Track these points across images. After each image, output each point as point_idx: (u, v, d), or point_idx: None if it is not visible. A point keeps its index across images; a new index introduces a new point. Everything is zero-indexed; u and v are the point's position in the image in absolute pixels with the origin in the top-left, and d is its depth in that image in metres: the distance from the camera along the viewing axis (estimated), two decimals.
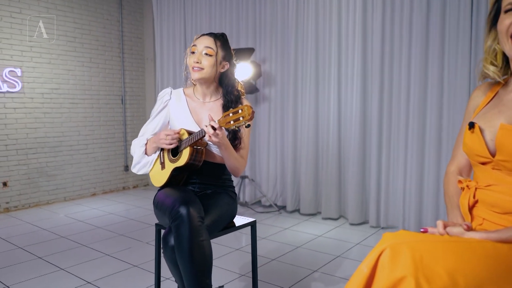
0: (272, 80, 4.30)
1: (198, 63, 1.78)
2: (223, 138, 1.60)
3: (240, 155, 1.83)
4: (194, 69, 1.79)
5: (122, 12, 5.31)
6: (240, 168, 1.82)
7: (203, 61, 1.78)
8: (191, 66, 1.80)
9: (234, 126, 1.48)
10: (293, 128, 4.13)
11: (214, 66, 1.80)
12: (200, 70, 1.78)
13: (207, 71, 1.79)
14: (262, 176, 4.49)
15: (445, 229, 0.96)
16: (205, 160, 1.82)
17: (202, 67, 1.78)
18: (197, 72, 1.79)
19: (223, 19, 4.66)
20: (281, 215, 4.13)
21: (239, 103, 1.86)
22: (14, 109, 4.33)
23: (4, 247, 3.23)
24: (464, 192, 1.10)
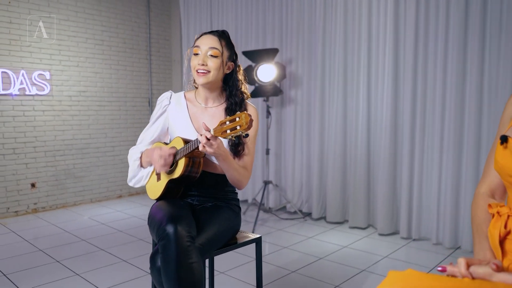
0: (298, 82, 4.14)
1: (204, 66, 1.61)
2: (219, 148, 1.44)
3: (243, 165, 1.67)
4: (199, 72, 1.62)
5: (150, 14, 5.31)
6: (243, 181, 1.64)
7: (209, 63, 1.61)
8: (195, 69, 1.63)
9: (230, 136, 1.33)
10: (320, 132, 3.95)
11: (221, 68, 1.64)
12: (206, 73, 1.62)
13: (213, 74, 1.62)
14: (287, 181, 4.33)
15: (468, 269, 0.75)
16: (205, 171, 1.68)
17: (208, 70, 1.61)
18: (202, 76, 1.62)
19: (249, 20, 4.54)
20: (306, 223, 3.95)
21: (242, 107, 1.70)
22: (42, 112, 4.39)
23: (26, 249, 3.24)
24: (494, 220, 0.89)
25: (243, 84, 1.78)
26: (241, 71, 1.78)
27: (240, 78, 1.76)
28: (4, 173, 4.16)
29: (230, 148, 1.65)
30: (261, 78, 3.82)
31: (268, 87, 3.85)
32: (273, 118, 4.28)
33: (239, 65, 1.78)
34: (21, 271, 2.80)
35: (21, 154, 4.27)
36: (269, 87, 3.86)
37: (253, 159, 1.74)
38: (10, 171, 4.20)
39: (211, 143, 1.38)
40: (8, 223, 3.99)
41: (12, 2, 4.11)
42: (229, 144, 1.65)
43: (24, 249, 3.25)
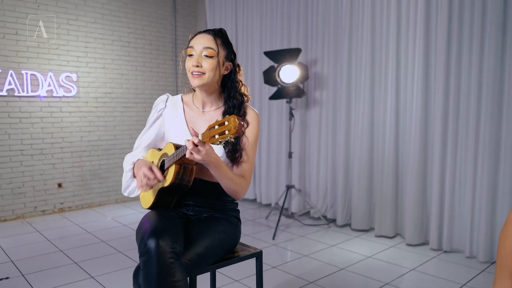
0: (323, 83, 3.98)
1: (198, 67, 1.49)
2: (209, 155, 1.33)
3: (240, 173, 1.55)
4: (193, 74, 1.51)
5: (176, 15, 5.30)
6: (239, 191, 1.52)
7: (204, 64, 1.50)
8: (190, 70, 1.52)
9: (218, 142, 1.21)
10: (346, 135, 3.78)
11: (217, 69, 1.52)
12: (201, 75, 1.50)
13: (209, 76, 1.51)
14: (311, 186, 4.18)
15: None
16: (201, 179, 1.57)
17: (203, 71, 1.50)
18: (197, 78, 1.51)
19: (274, 20, 4.43)
20: (330, 229, 3.79)
21: (242, 110, 1.59)
22: (69, 113, 4.46)
23: (47, 249, 3.28)
24: None
25: (243, 85, 1.66)
26: (241, 72, 1.67)
27: (240, 79, 1.65)
28: (32, 173, 4.25)
29: (227, 154, 1.54)
30: (283, 79, 3.70)
31: (290, 88, 3.73)
32: (296, 120, 4.15)
33: (239, 65, 1.66)
34: (39, 271, 2.82)
35: (48, 154, 4.35)
36: (292, 89, 3.73)
37: (253, 166, 1.61)
38: (37, 171, 4.29)
39: (199, 150, 1.27)
40: (34, 222, 4.07)
41: (41, 6, 4.19)
42: (225, 150, 1.54)
43: (45, 249, 3.29)
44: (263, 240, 3.50)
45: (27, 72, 4.12)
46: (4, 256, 3.13)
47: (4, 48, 3.99)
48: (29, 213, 4.25)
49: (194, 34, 1.58)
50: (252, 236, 3.62)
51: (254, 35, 4.68)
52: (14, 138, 4.11)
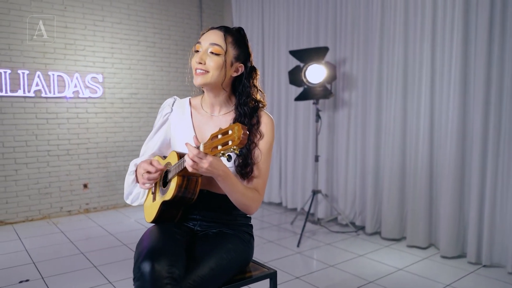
0: (352, 83, 3.79)
1: (201, 64, 1.38)
2: (214, 167, 1.17)
3: (254, 186, 1.40)
4: (196, 71, 1.39)
5: (202, 15, 5.23)
6: (251, 205, 1.36)
7: (208, 62, 1.37)
8: (194, 68, 1.41)
9: (221, 153, 1.08)
10: (376, 137, 3.58)
11: (222, 69, 1.38)
12: (204, 73, 1.38)
13: (212, 75, 1.38)
14: (339, 191, 3.99)
15: None
16: (209, 191, 1.44)
17: (206, 69, 1.38)
18: (200, 75, 1.38)
19: (301, 18, 4.27)
20: (358, 238, 3.60)
21: (254, 118, 1.44)
22: (95, 114, 4.47)
23: (69, 251, 3.26)
24: None
25: (258, 91, 1.50)
26: (257, 76, 1.50)
27: (255, 84, 1.49)
28: (58, 173, 4.28)
29: (236, 168, 1.39)
30: (310, 79, 3.54)
31: (317, 89, 3.56)
32: (323, 122, 3.97)
33: (255, 68, 1.50)
34: (58, 275, 2.79)
35: (74, 155, 4.37)
36: (319, 89, 3.56)
37: (266, 179, 1.46)
38: (64, 171, 4.32)
39: (200, 161, 1.14)
40: (60, 222, 4.09)
41: (68, 8, 4.21)
42: (234, 163, 1.39)
43: (67, 251, 3.27)
44: (287, 247, 3.36)
45: (54, 73, 4.15)
46: (27, 257, 3.13)
47: (32, 49, 4.03)
48: (55, 213, 4.28)
49: (206, 30, 1.45)
50: (276, 242, 3.48)
51: (281, 34, 4.54)
52: (41, 139, 4.15)
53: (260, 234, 3.73)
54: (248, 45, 1.48)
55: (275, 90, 4.65)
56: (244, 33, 1.47)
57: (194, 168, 1.14)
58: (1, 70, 3.86)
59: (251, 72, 1.48)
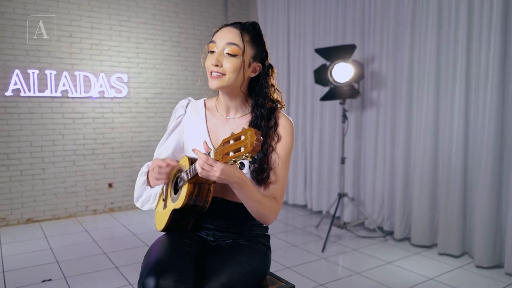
0: (381, 82, 3.64)
1: (218, 66, 1.27)
2: (228, 174, 1.08)
3: (271, 194, 1.30)
4: (212, 74, 1.29)
5: (227, 14, 5.18)
6: (269, 215, 1.27)
7: (225, 64, 1.27)
8: (209, 70, 1.30)
9: (232, 160, 0.99)
10: (406, 138, 3.42)
11: (240, 71, 1.28)
12: (220, 76, 1.27)
13: (230, 78, 1.27)
14: (367, 194, 3.84)
15: None
16: (223, 198, 1.35)
17: (222, 72, 1.27)
18: (216, 79, 1.28)
19: (328, 15, 4.15)
20: (386, 243, 3.44)
21: (272, 120, 1.34)
22: (120, 114, 4.49)
23: (91, 251, 3.26)
24: None
25: (276, 91, 1.40)
26: (274, 75, 1.40)
27: (272, 83, 1.39)
28: (84, 173, 4.32)
29: (252, 174, 1.30)
30: (336, 79, 3.42)
31: (344, 88, 3.43)
32: (350, 123, 3.84)
33: (271, 66, 1.40)
34: (80, 275, 2.79)
35: (99, 154, 4.40)
36: (346, 89, 3.43)
37: (285, 186, 1.36)
38: (89, 170, 4.36)
39: (211, 168, 1.06)
40: (85, 221, 4.13)
41: (94, 8, 4.24)
42: (250, 168, 1.30)
43: (90, 250, 3.28)
44: (311, 252, 3.25)
45: (80, 73, 4.19)
46: (51, 256, 3.15)
47: (59, 50, 4.08)
48: (81, 212, 4.33)
49: (220, 27, 1.35)
50: (300, 247, 3.38)
51: (307, 32, 4.42)
52: (67, 138, 4.20)
53: (284, 237, 3.63)
54: (265, 41, 1.38)
55: (300, 90, 4.54)
56: (260, 28, 1.37)
57: (205, 176, 1.07)
58: (29, 70, 3.92)
59: (268, 70, 1.38)
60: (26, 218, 4.02)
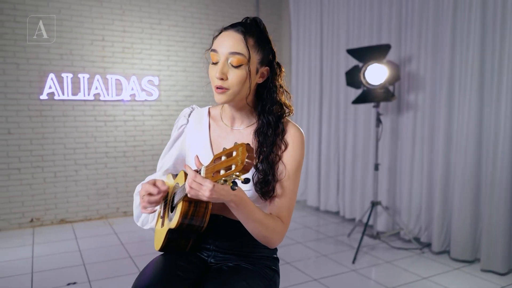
0: (419, 84, 3.42)
1: (223, 80, 1.15)
2: (220, 193, 0.96)
3: (275, 212, 1.17)
4: (217, 89, 1.16)
5: (259, 15, 5.08)
6: (272, 238, 1.13)
7: (230, 76, 1.14)
8: (213, 83, 1.17)
9: (223, 180, 0.88)
10: (446, 144, 3.18)
11: (246, 81, 1.16)
12: (225, 91, 1.15)
13: (235, 91, 1.16)
14: (402, 203, 3.62)
15: None
16: (225, 217, 1.24)
17: (227, 87, 1.15)
18: (221, 94, 1.16)
19: (362, 14, 3.96)
20: (423, 256, 3.22)
21: (279, 127, 1.21)
22: (151, 116, 4.50)
23: (118, 254, 3.26)
24: None
25: (284, 92, 1.26)
26: (281, 74, 1.26)
27: (280, 83, 1.26)
28: (115, 175, 4.36)
29: (255, 186, 1.18)
30: (369, 81, 3.24)
31: (378, 90, 3.24)
32: (385, 127, 3.63)
33: (279, 65, 1.26)
34: (104, 279, 2.78)
35: (130, 157, 4.43)
36: (380, 91, 3.24)
37: (293, 204, 1.22)
38: (120, 173, 4.39)
39: (199, 187, 0.95)
40: (115, 223, 4.16)
41: (126, 12, 4.27)
42: (253, 180, 1.18)
43: (117, 253, 3.27)
44: (342, 263, 3.09)
45: (112, 76, 4.23)
46: (79, 258, 3.18)
47: (92, 54, 4.14)
48: (112, 214, 4.37)
49: (219, 31, 1.21)
50: (330, 257, 3.22)
51: (340, 32, 4.25)
52: (99, 141, 4.25)
53: (314, 246, 3.49)
54: (270, 39, 1.24)
55: (333, 92, 4.37)
56: (263, 25, 1.23)
57: (194, 196, 0.97)
58: (63, 74, 4.00)
59: (275, 70, 1.24)
60: (59, 218, 4.10)
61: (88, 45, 4.12)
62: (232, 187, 0.87)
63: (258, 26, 1.21)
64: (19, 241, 3.57)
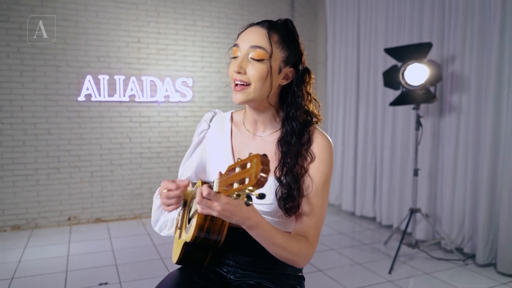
0: (463, 84, 3.21)
1: (241, 74, 1.07)
2: (233, 212, 0.89)
3: (300, 231, 1.07)
4: (235, 85, 1.10)
5: (294, 14, 4.99)
6: (296, 260, 1.04)
7: (249, 70, 1.07)
8: (232, 78, 1.11)
9: (236, 194, 0.79)
10: (493, 148, 2.96)
11: (267, 78, 1.07)
12: (244, 87, 1.08)
13: (256, 88, 1.08)
14: (444, 210, 3.42)
15: None
16: (246, 231, 1.11)
17: (246, 81, 1.08)
18: (239, 91, 1.09)
19: (402, 10, 3.78)
20: (466, 268, 3.02)
21: (305, 136, 1.12)
22: (184, 117, 4.51)
23: (150, 255, 3.27)
24: None
25: (312, 100, 1.17)
26: (310, 81, 1.17)
27: (308, 91, 1.16)
28: (149, 176, 4.41)
29: (278, 202, 1.08)
30: (409, 81, 3.07)
31: (418, 92, 3.07)
32: (426, 130, 3.44)
33: (308, 70, 1.17)
34: (135, 280, 2.79)
35: (164, 158, 4.46)
36: (420, 92, 3.07)
37: (321, 222, 1.11)
38: (154, 173, 4.43)
39: (210, 204, 0.88)
40: (148, 223, 4.19)
41: (161, 14, 4.30)
42: (276, 195, 1.08)
43: (148, 254, 3.28)
44: (377, 272, 2.94)
45: (146, 78, 4.27)
46: (111, 258, 3.21)
47: (128, 55, 4.20)
48: (146, 214, 4.41)
49: (245, 27, 1.15)
50: (364, 265, 3.09)
51: (379, 31, 4.08)
52: (134, 142, 4.30)
53: (349, 253, 3.35)
54: (299, 41, 1.16)
55: (371, 94, 4.21)
56: (294, 26, 1.16)
57: (205, 213, 0.90)
58: (100, 76, 4.08)
59: (303, 75, 1.15)
60: (95, 217, 4.19)
61: (124, 47, 4.18)
62: (246, 202, 0.79)
63: (287, 26, 1.14)
64: (57, 238, 3.67)
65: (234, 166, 0.82)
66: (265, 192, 0.80)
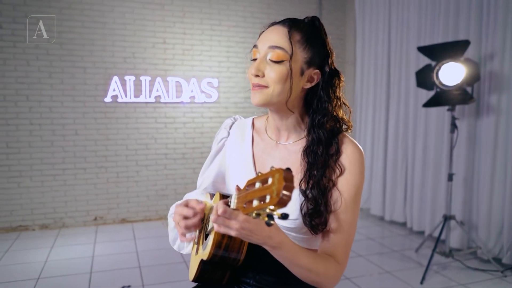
0: (502, 85, 3.01)
1: (259, 77, 1.01)
2: (253, 231, 0.81)
3: (328, 250, 0.98)
4: (253, 87, 1.03)
5: (322, 12, 4.86)
6: (324, 282, 0.96)
7: (267, 73, 1.00)
8: (250, 82, 1.04)
9: (255, 213, 0.70)
10: None
11: (287, 80, 0.99)
12: (262, 88, 1.01)
13: (274, 90, 1.00)
14: (480, 218, 3.23)
15: None
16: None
17: (264, 84, 1.00)
18: (257, 90, 1.02)
19: (436, 6, 3.60)
20: (505, 280, 2.83)
21: (333, 145, 1.02)
22: (210, 118, 4.47)
23: (172, 258, 3.23)
24: None
25: (341, 105, 1.07)
26: (340, 84, 1.07)
27: (338, 95, 1.06)
28: (174, 176, 4.39)
29: (304, 218, 0.99)
30: (443, 81, 2.90)
31: (453, 92, 2.90)
32: (461, 133, 3.26)
33: (337, 72, 1.07)
34: (158, 284, 2.76)
35: (189, 159, 4.44)
36: (455, 93, 2.90)
37: (352, 237, 1.02)
38: (179, 174, 4.41)
39: (227, 223, 0.80)
40: None
41: (186, 14, 4.28)
42: (301, 211, 0.99)
43: (171, 257, 3.25)
44: (408, 282, 2.80)
45: (172, 79, 4.26)
46: (135, 260, 3.20)
47: (154, 56, 4.19)
48: None
49: (266, 27, 1.07)
50: (394, 274, 2.95)
51: (411, 28, 3.91)
52: (159, 143, 4.30)
53: (377, 260, 3.22)
54: (327, 40, 1.06)
55: (402, 94, 4.04)
56: (321, 24, 1.06)
57: (222, 232, 0.82)
58: (126, 77, 4.09)
59: (332, 78, 1.06)
60: (120, 218, 4.21)
61: (150, 48, 4.17)
62: (267, 222, 0.71)
63: (313, 23, 1.05)
64: (83, 238, 3.70)
65: (254, 180, 0.74)
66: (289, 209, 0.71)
